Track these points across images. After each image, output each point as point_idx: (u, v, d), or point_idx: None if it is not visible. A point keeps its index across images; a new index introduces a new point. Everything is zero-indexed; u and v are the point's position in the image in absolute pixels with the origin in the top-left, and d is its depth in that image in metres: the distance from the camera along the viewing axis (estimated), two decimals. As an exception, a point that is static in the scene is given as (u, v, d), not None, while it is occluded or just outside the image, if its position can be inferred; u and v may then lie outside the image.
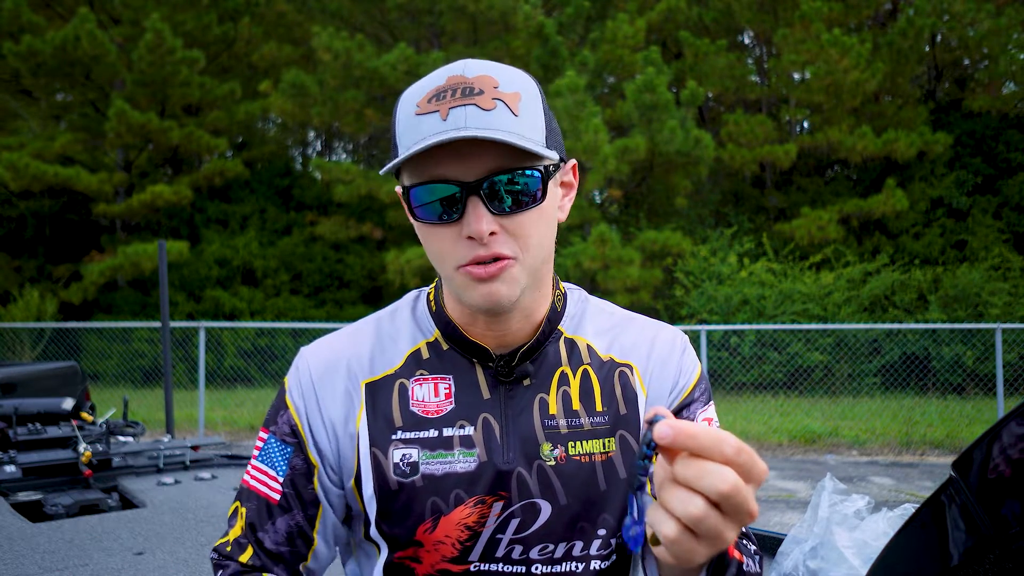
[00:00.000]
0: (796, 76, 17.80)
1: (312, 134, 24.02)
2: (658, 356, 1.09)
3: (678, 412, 1.06)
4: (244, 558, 1.02)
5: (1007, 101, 17.62)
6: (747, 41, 21.63)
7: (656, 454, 0.66)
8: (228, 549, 1.04)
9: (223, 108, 18.36)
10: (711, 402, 1.10)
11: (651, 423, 0.65)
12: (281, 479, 1.04)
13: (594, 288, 13.71)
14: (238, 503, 1.06)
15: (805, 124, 18.62)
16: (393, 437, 1.02)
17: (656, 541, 0.67)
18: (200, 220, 18.98)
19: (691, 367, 1.10)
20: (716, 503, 0.63)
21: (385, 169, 0.93)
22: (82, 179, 16.61)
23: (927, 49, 18.18)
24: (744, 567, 0.92)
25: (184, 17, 17.70)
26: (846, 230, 16.39)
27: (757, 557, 1.00)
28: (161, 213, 18.40)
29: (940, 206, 16.95)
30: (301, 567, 1.05)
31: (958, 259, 15.95)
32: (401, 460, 1.01)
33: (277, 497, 1.03)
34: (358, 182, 16.20)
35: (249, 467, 1.07)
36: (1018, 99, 18.03)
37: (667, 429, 0.63)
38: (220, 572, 1.03)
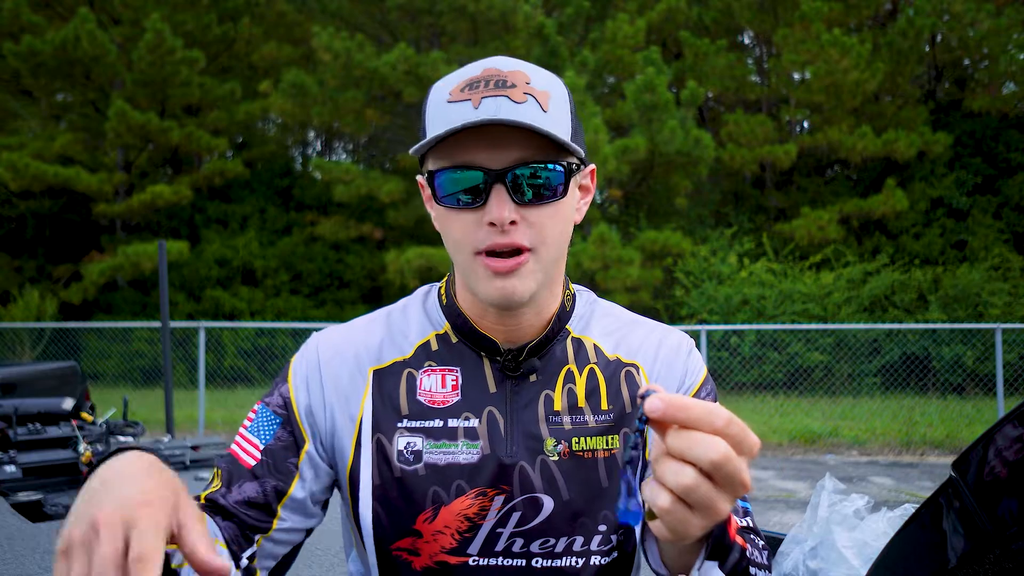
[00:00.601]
0: (796, 76, 17.79)
1: (312, 134, 24.02)
2: (665, 357, 1.10)
3: None
4: None
5: (1007, 101, 17.62)
6: (747, 41, 21.63)
7: (647, 428, 0.67)
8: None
9: (223, 108, 18.36)
10: (716, 402, 1.11)
11: (643, 397, 0.66)
12: (262, 447, 1.03)
13: (594, 288, 13.69)
14: (217, 468, 1.05)
15: (805, 124, 18.61)
16: (399, 425, 1.03)
17: (652, 516, 0.68)
18: (200, 220, 18.98)
19: (697, 368, 1.12)
20: (708, 473, 0.64)
21: (415, 149, 0.95)
22: (82, 179, 16.61)
23: (927, 49, 18.18)
24: (748, 554, 0.91)
25: (184, 17, 17.70)
26: (846, 230, 16.38)
27: (766, 552, 1.00)
28: (161, 213, 18.40)
29: (940, 206, 16.94)
30: (257, 537, 1.01)
31: (958, 259, 15.95)
32: (405, 448, 1.02)
33: (252, 463, 1.02)
34: (358, 182, 16.19)
35: (237, 436, 1.07)
36: (1018, 99, 18.02)
37: (658, 402, 0.64)
38: None
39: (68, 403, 3.05)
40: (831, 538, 1.17)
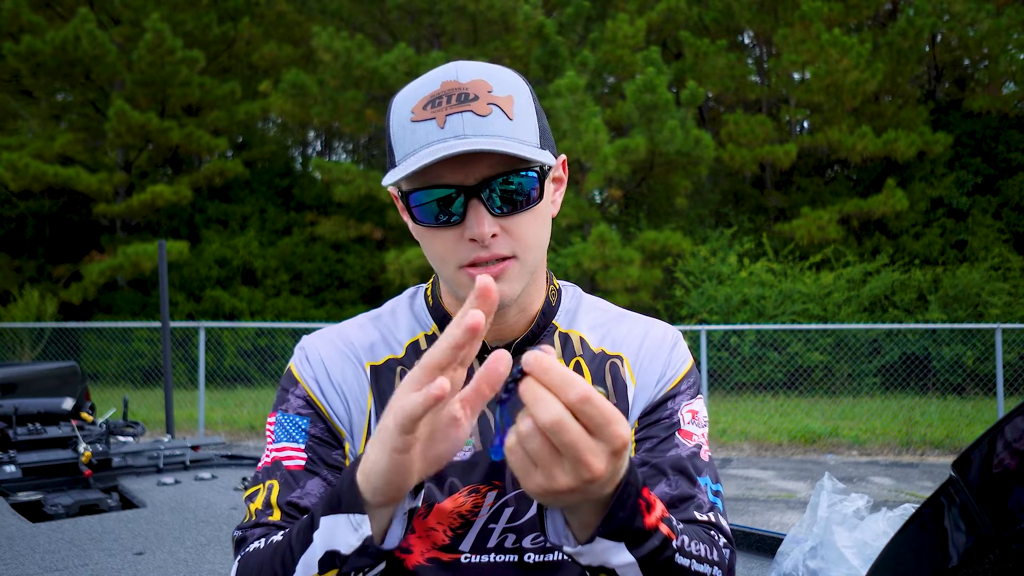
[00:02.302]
0: (796, 76, 17.80)
1: (312, 134, 24.02)
2: (648, 348, 1.10)
3: (663, 402, 1.07)
4: (273, 519, 0.98)
5: (1007, 101, 17.61)
6: (747, 41, 21.62)
7: (522, 378, 0.70)
8: (251, 519, 1.00)
9: (223, 108, 18.36)
10: (698, 396, 1.11)
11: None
12: (302, 446, 1.03)
13: (594, 288, 13.70)
14: (259, 486, 1.03)
15: (805, 124, 18.61)
16: None
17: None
18: (200, 220, 18.98)
19: (680, 361, 1.11)
20: (543, 432, 0.67)
21: (388, 181, 0.94)
22: (82, 179, 16.61)
23: (927, 49, 18.18)
24: (678, 544, 0.85)
25: (184, 17, 17.70)
26: (846, 230, 16.38)
27: (727, 551, 0.96)
28: (161, 213, 18.40)
29: (940, 206, 16.95)
30: None
31: (958, 259, 15.95)
32: None
33: (302, 463, 1.02)
34: (358, 182, 16.19)
35: (265, 453, 1.06)
36: (1018, 99, 18.02)
37: (531, 359, 0.67)
38: (247, 542, 0.96)
39: (68, 403, 3.05)
40: (831, 538, 1.17)
